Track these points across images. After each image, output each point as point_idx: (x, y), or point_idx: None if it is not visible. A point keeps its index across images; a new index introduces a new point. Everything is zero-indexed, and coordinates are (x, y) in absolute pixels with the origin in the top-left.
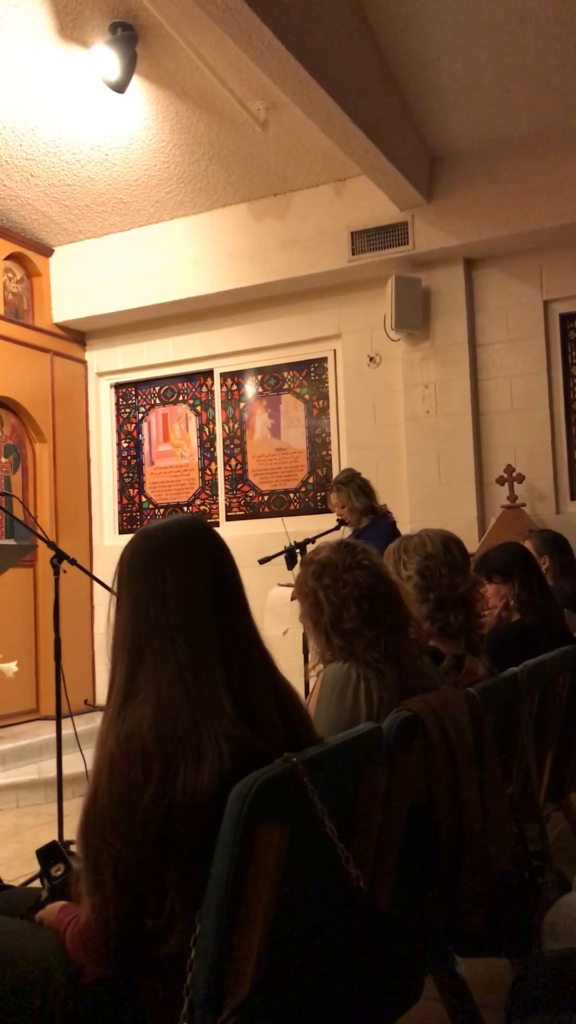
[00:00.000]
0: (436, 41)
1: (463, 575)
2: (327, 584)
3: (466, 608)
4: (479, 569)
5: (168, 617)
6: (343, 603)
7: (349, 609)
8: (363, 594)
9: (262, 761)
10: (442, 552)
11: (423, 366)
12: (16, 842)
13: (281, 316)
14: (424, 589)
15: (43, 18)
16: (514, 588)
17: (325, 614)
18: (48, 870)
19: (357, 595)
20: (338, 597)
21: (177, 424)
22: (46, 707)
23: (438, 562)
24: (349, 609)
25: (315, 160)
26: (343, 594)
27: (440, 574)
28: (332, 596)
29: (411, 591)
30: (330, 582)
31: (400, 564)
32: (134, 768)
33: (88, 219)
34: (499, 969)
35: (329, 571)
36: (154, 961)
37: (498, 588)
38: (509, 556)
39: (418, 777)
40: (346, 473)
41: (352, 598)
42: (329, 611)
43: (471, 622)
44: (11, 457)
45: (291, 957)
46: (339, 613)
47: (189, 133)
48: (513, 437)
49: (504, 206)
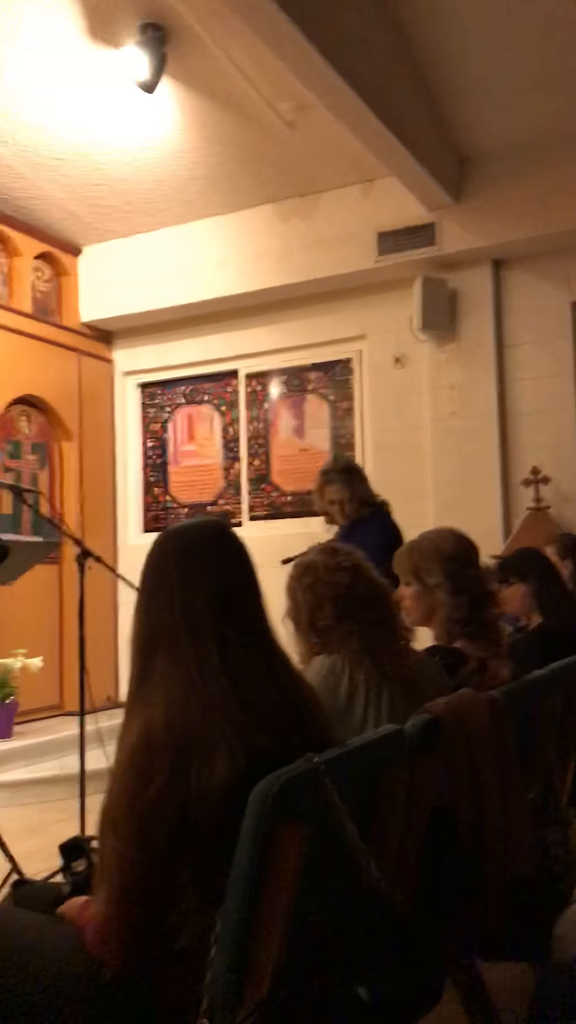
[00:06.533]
0: (465, 42)
1: (480, 568)
2: (307, 584)
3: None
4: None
5: (175, 620)
6: (319, 602)
7: (324, 608)
8: (339, 594)
9: (275, 762)
10: (460, 551)
11: (449, 367)
12: (38, 837)
13: (306, 317)
14: (456, 593)
15: (74, 19)
16: (531, 587)
17: (303, 613)
18: (70, 865)
19: (333, 595)
20: (315, 597)
21: (202, 424)
22: (70, 703)
23: (461, 562)
24: (324, 608)
25: (342, 161)
26: (320, 594)
27: (466, 574)
28: (309, 596)
29: (443, 597)
30: (310, 582)
31: (421, 574)
32: (144, 765)
33: (116, 219)
34: (519, 974)
35: (310, 572)
36: (173, 958)
37: (515, 589)
38: (524, 558)
39: (439, 780)
40: (342, 461)
41: (328, 598)
42: (305, 610)
43: (496, 617)
44: (38, 455)
45: (310, 957)
46: (314, 612)
47: (217, 134)
48: (539, 439)
49: (532, 207)
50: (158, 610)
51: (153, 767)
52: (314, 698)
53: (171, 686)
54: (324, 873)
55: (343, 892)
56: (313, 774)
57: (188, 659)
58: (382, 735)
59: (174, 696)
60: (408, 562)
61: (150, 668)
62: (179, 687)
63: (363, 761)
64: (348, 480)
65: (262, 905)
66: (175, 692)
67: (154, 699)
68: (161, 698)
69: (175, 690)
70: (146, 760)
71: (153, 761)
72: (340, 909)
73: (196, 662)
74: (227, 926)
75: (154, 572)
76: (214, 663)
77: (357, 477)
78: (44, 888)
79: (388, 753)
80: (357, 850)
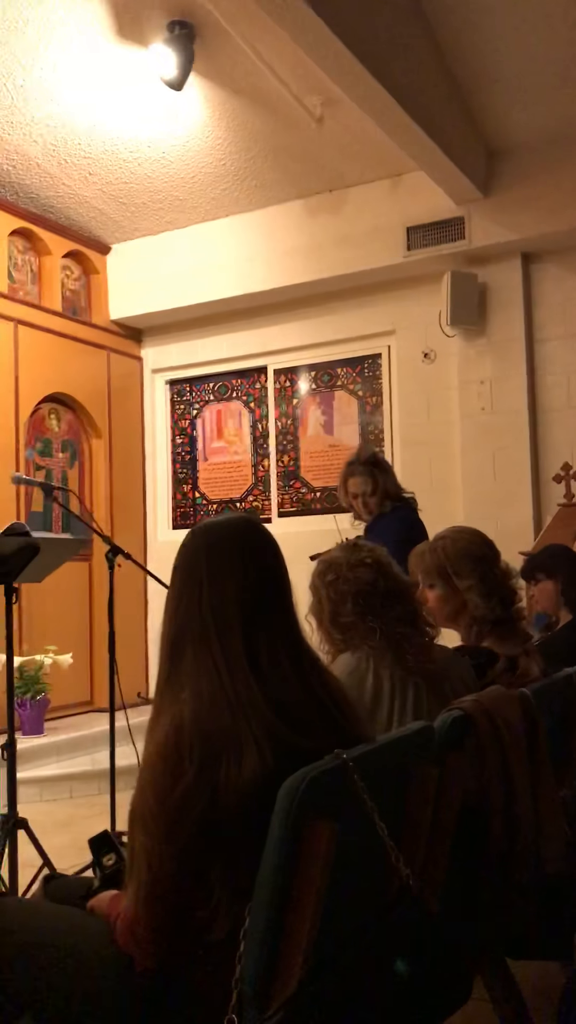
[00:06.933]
0: (493, 35)
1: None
2: (330, 581)
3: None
4: (524, 574)
5: (203, 617)
6: (341, 599)
7: (346, 604)
8: (361, 590)
9: (303, 758)
10: (488, 551)
11: (479, 362)
12: (69, 832)
13: (335, 312)
14: (488, 595)
15: (102, 18)
16: (560, 583)
17: (326, 609)
18: (100, 859)
19: (355, 591)
20: (337, 594)
21: (231, 420)
22: (100, 699)
23: (490, 562)
24: (346, 604)
25: (371, 155)
26: (342, 590)
27: (495, 573)
28: (332, 593)
29: (474, 599)
30: (332, 579)
31: (451, 576)
32: (173, 761)
33: (145, 217)
34: (551, 972)
35: (333, 569)
36: (203, 953)
37: (544, 586)
38: (552, 555)
39: (470, 777)
40: (367, 453)
41: (350, 594)
42: (328, 607)
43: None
44: (68, 452)
45: (340, 953)
46: (336, 608)
47: (245, 130)
48: (571, 435)
49: (563, 200)
50: (187, 606)
51: (182, 764)
52: (342, 694)
53: (200, 682)
54: (353, 870)
55: (372, 889)
56: (341, 770)
57: (216, 655)
58: (411, 731)
59: (203, 692)
60: (432, 563)
61: (179, 664)
62: (208, 684)
63: (392, 757)
64: (371, 473)
65: (291, 901)
66: (204, 688)
67: (183, 695)
68: (190, 695)
69: (204, 687)
70: (175, 756)
71: (182, 758)
72: (369, 906)
73: (224, 658)
74: (256, 921)
75: (184, 568)
76: (242, 660)
77: (381, 469)
78: (75, 882)
79: (417, 749)
80: (386, 847)
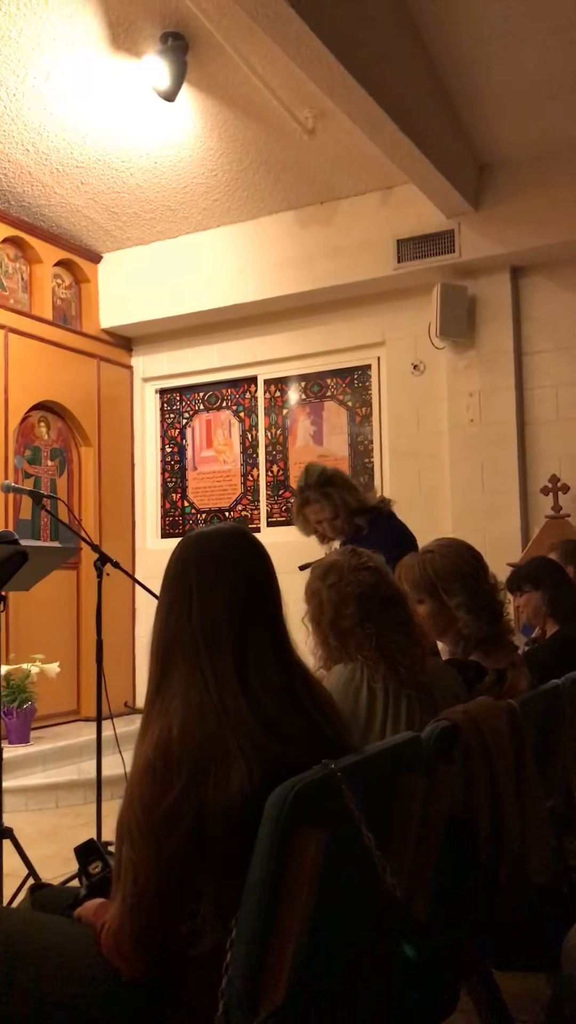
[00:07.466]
0: (483, 49)
1: (490, 580)
2: (332, 583)
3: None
4: (509, 585)
5: (193, 628)
6: (344, 601)
7: (349, 607)
8: (363, 592)
9: (291, 771)
10: (476, 566)
11: (468, 374)
12: (55, 842)
13: (325, 323)
14: (476, 611)
15: (96, 29)
16: (545, 595)
17: (327, 613)
18: (86, 867)
19: (358, 593)
20: (340, 596)
21: (220, 430)
22: (87, 708)
23: (478, 578)
24: (349, 607)
25: (362, 168)
26: (345, 592)
27: (483, 589)
28: (334, 595)
29: (463, 616)
30: (335, 581)
31: (440, 593)
32: (160, 774)
33: (136, 226)
34: (536, 984)
35: (335, 571)
36: (189, 963)
37: (529, 597)
38: (537, 566)
39: (457, 787)
40: (315, 472)
41: (353, 596)
42: (330, 609)
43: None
44: (57, 460)
45: (326, 965)
46: (338, 611)
47: (237, 141)
48: (559, 447)
49: (552, 214)
50: (177, 618)
51: (170, 776)
52: (331, 706)
53: (189, 695)
54: (340, 880)
55: (360, 900)
56: (330, 781)
57: (205, 668)
58: (399, 742)
59: (191, 705)
60: (421, 578)
61: (168, 675)
62: (197, 696)
63: (380, 768)
64: (325, 494)
65: (278, 912)
66: (192, 701)
67: (171, 707)
68: (179, 706)
69: (193, 699)
70: (163, 769)
71: (170, 770)
72: (356, 917)
73: (213, 671)
74: (243, 932)
75: (174, 579)
76: (232, 672)
77: (336, 486)
78: (61, 892)
79: (405, 760)
80: (374, 858)
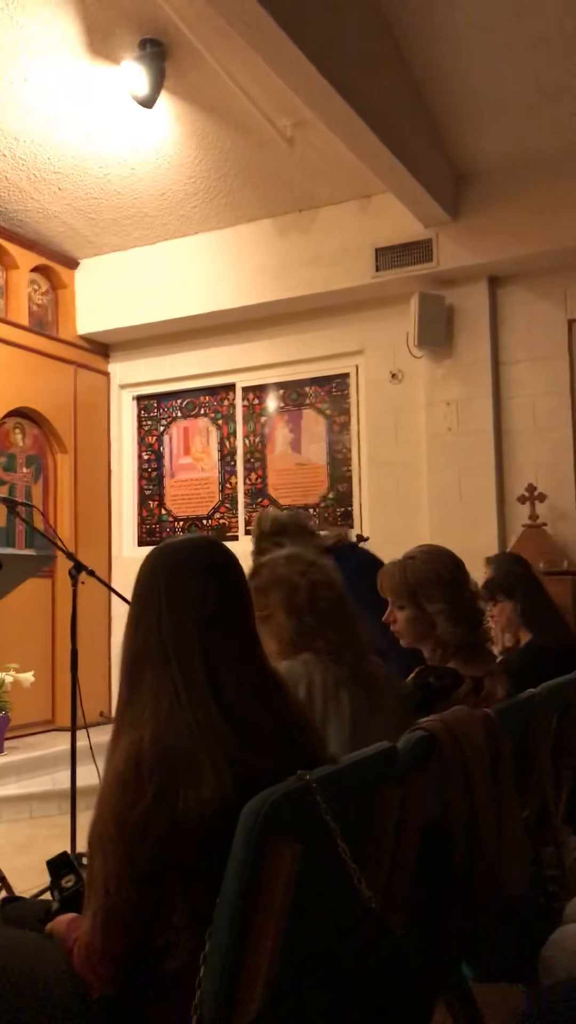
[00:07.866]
0: (461, 59)
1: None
2: (301, 570)
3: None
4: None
5: (162, 639)
6: (313, 587)
7: (330, 589)
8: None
9: (263, 782)
10: (457, 574)
11: (445, 383)
12: (29, 853)
13: (304, 332)
14: (457, 619)
15: (74, 34)
16: (517, 604)
17: (301, 593)
18: (59, 881)
19: (324, 579)
20: (314, 580)
21: (198, 437)
22: (62, 718)
23: (459, 586)
24: (330, 589)
25: (340, 176)
26: (316, 579)
27: (464, 597)
28: (305, 580)
29: (442, 624)
30: (303, 568)
31: (420, 600)
32: (131, 786)
33: (114, 233)
34: (512, 995)
35: (298, 561)
36: (162, 978)
37: (503, 607)
38: (507, 573)
39: (433, 797)
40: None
41: (322, 583)
42: (306, 590)
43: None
44: (33, 467)
45: (301, 977)
46: (315, 593)
47: (215, 149)
48: (535, 456)
49: (529, 224)
50: (147, 629)
51: (141, 788)
52: (304, 715)
53: (159, 705)
54: (315, 892)
55: (335, 911)
56: (304, 791)
57: (176, 678)
58: (374, 752)
59: (162, 716)
60: (402, 584)
61: (138, 687)
62: (167, 706)
63: (355, 778)
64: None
65: (252, 924)
66: (163, 712)
67: (142, 719)
68: (149, 718)
69: (163, 710)
70: (134, 780)
71: (141, 782)
72: (332, 929)
73: (184, 681)
74: (216, 946)
75: (143, 590)
76: (202, 682)
77: (288, 535)
78: (33, 905)
79: (381, 770)
80: (349, 869)
